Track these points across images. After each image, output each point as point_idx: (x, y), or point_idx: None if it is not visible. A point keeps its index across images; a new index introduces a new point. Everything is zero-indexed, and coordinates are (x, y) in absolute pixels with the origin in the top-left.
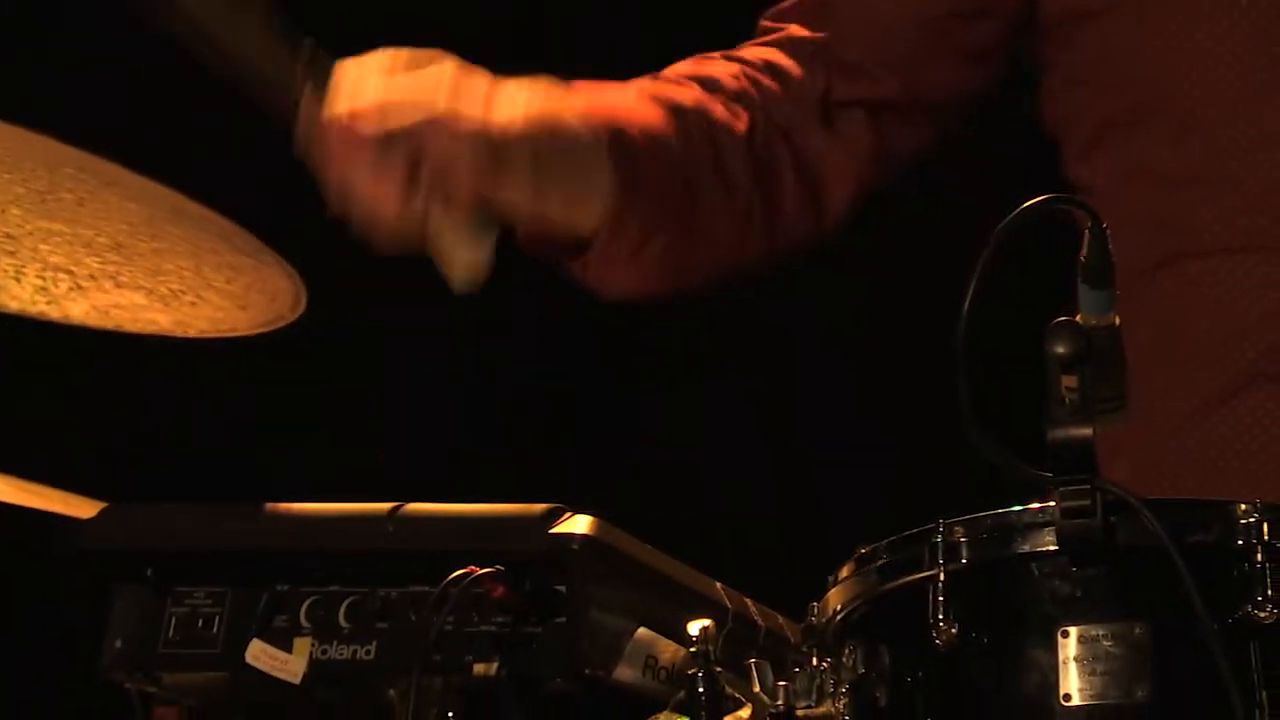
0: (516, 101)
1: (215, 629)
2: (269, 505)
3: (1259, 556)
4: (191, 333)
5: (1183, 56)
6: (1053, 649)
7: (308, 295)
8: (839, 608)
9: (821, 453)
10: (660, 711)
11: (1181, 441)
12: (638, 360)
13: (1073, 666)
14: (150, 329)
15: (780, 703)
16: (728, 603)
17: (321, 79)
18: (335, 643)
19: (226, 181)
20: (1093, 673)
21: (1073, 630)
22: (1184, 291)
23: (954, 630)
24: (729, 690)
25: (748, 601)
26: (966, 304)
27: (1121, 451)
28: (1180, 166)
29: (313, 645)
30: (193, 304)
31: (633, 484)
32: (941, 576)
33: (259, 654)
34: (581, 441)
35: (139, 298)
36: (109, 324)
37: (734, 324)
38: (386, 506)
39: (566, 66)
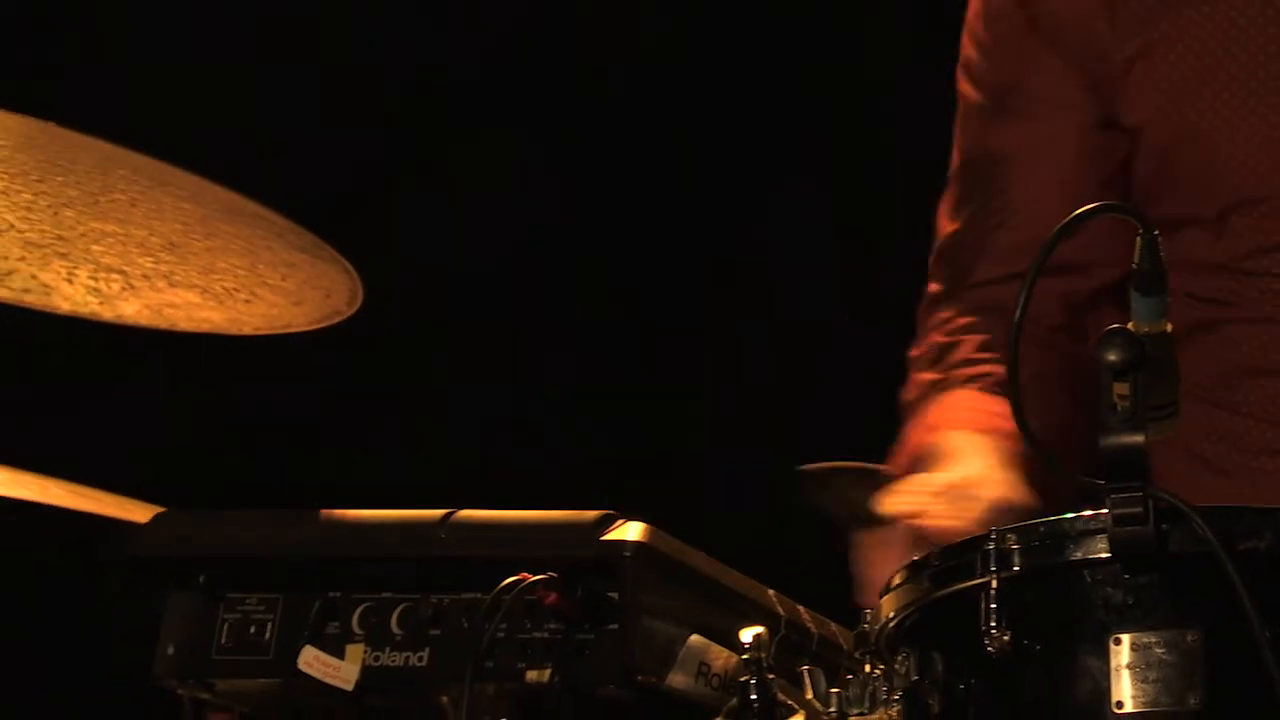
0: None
1: (268, 635)
2: (321, 512)
3: None
4: (246, 330)
5: (1218, 159)
6: (1105, 656)
7: (364, 293)
8: (892, 615)
9: (876, 458)
10: (713, 718)
11: None
12: (692, 363)
13: (1125, 674)
14: (204, 327)
15: (833, 710)
16: (780, 610)
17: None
18: (388, 649)
19: (283, 179)
20: (1145, 680)
21: (1125, 638)
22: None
23: (1006, 637)
24: (781, 697)
25: (800, 608)
26: (1019, 310)
27: None
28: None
29: (365, 652)
30: (247, 301)
31: (685, 490)
32: (994, 584)
33: (311, 661)
34: (634, 447)
35: (193, 296)
36: (162, 323)
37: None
38: (439, 513)
39: None
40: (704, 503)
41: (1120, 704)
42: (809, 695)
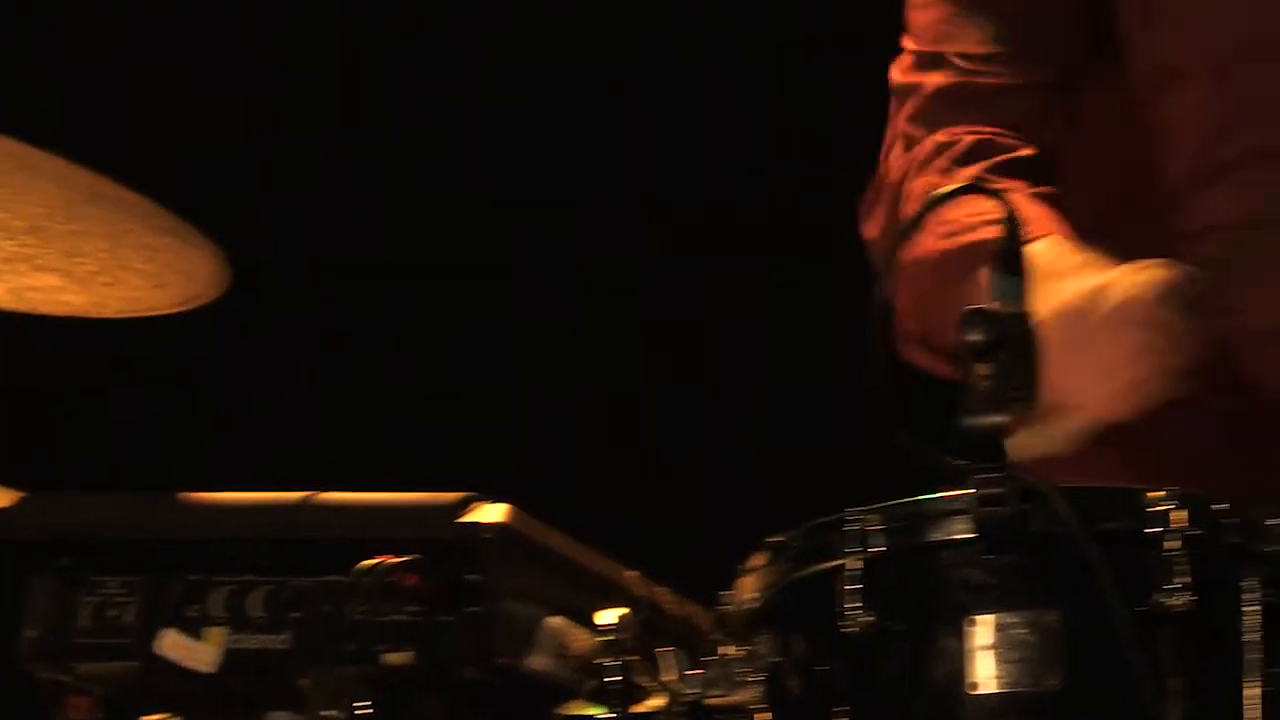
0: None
1: (129, 619)
2: (182, 495)
3: (1171, 544)
4: (107, 313)
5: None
6: (965, 637)
7: (229, 276)
8: (751, 596)
9: (736, 440)
10: (572, 700)
11: None
12: (553, 350)
13: (986, 654)
14: (65, 310)
15: (693, 691)
16: (640, 591)
17: None
18: (249, 632)
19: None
20: (1006, 660)
21: (986, 618)
22: None
23: (867, 618)
24: (641, 679)
25: (661, 590)
26: (880, 293)
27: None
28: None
29: (226, 635)
30: (108, 284)
31: (546, 472)
32: (854, 565)
33: (172, 644)
34: (496, 429)
35: (54, 280)
36: (23, 306)
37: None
38: (300, 495)
39: None
40: (565, 484)
41: (980, 684)
42: (668, 677)
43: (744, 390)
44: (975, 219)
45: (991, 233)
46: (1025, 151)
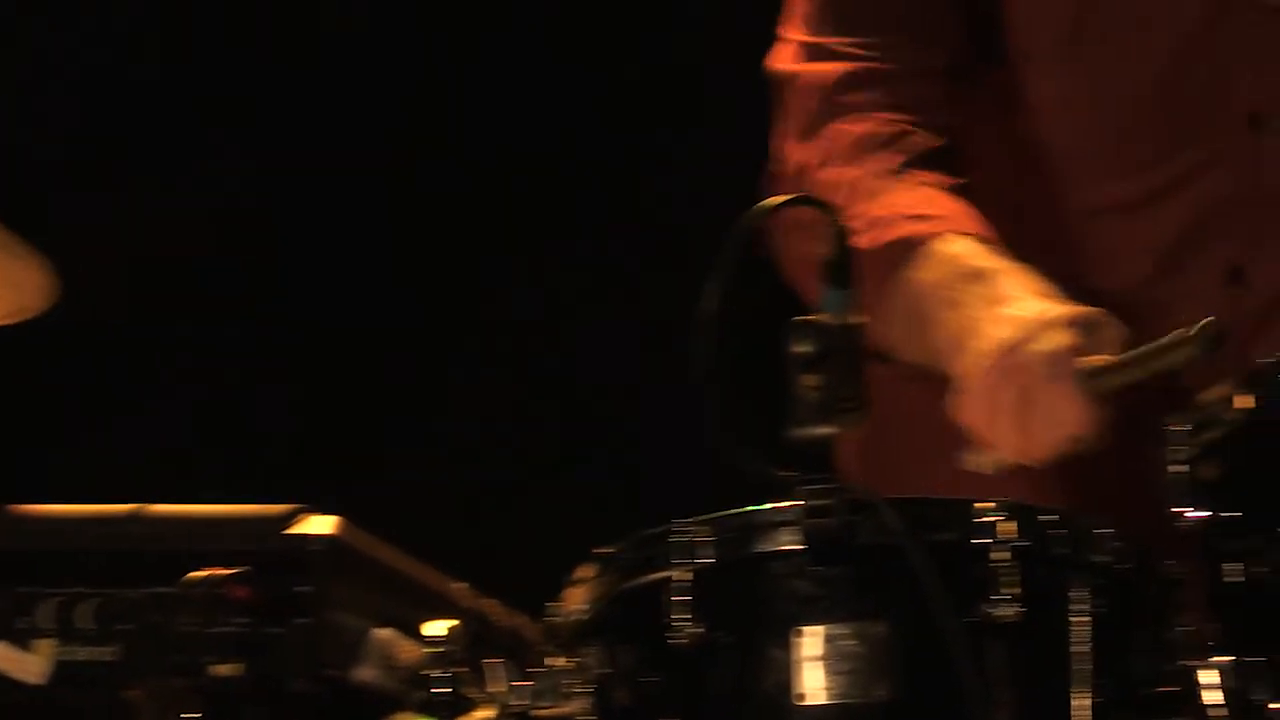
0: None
1: None
2: (11, 506)
3: (999, 555)
4: None
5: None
6: (793, 648)
7: (56, 288)
8: (580, 607)
9: (566, 454)
10: (400, 711)
11: None
12: (384, 362)
13: (814, 665)
14: None
15: (521, 703)
16: (468, 603)
17: None
18: (78, 644)
19: None
20: (834, 672)
21: (814, 629)
22: None
23: (695, 629)
24: (469, 690)
25: (489, 602)
26: (709, 303)
27: None
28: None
29: (55, 646)
30: None
31: (375, 485)
32: (682, 575)
33: (0, 655)
34: (325, 442)
35: None
36: None
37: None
38: (129, 507)
39: None
40: (393, 496)
41: (807, 695)
42: (497, 688)
43: (575, 400)
44: (893, 213)
45: (911, 229)
46: (938, 142)
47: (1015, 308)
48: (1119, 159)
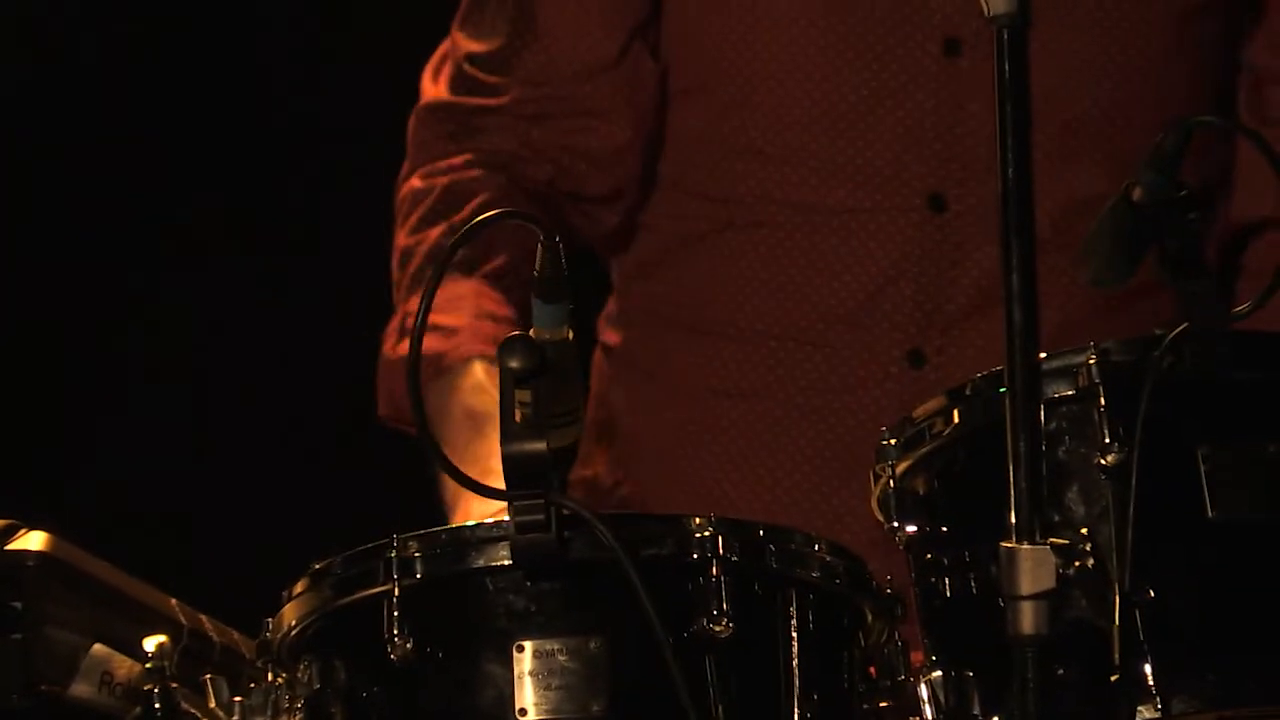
0: None
1: None
2: None
3: (714, 570)
4: None
5: (747, 29)
6: (508, 664)
7: None
8: (294, 623)
9: (276, 469)
10: None
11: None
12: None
13: (529, 681)
14: None
15: (236, 718)
16: (183, 619)
17: None
18: None
19: None
20: (548, 687)
21: (528, 645)
22: (721, 263)
23: (409, 645)
24: (185, 706)
25: (203, 618)
26: (421, 312)
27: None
28: (738, 138)
29: None
30: None
31: (90, 500)
32: (396, 591)
33: None
34: (38, 457)
35: None
36: None
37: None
38: None
39: None
40: (109, 512)
41: (524, 711)
42: (212, 704)
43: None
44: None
45: (428, 344)
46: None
47: (476, 505)
48: (820, 67)
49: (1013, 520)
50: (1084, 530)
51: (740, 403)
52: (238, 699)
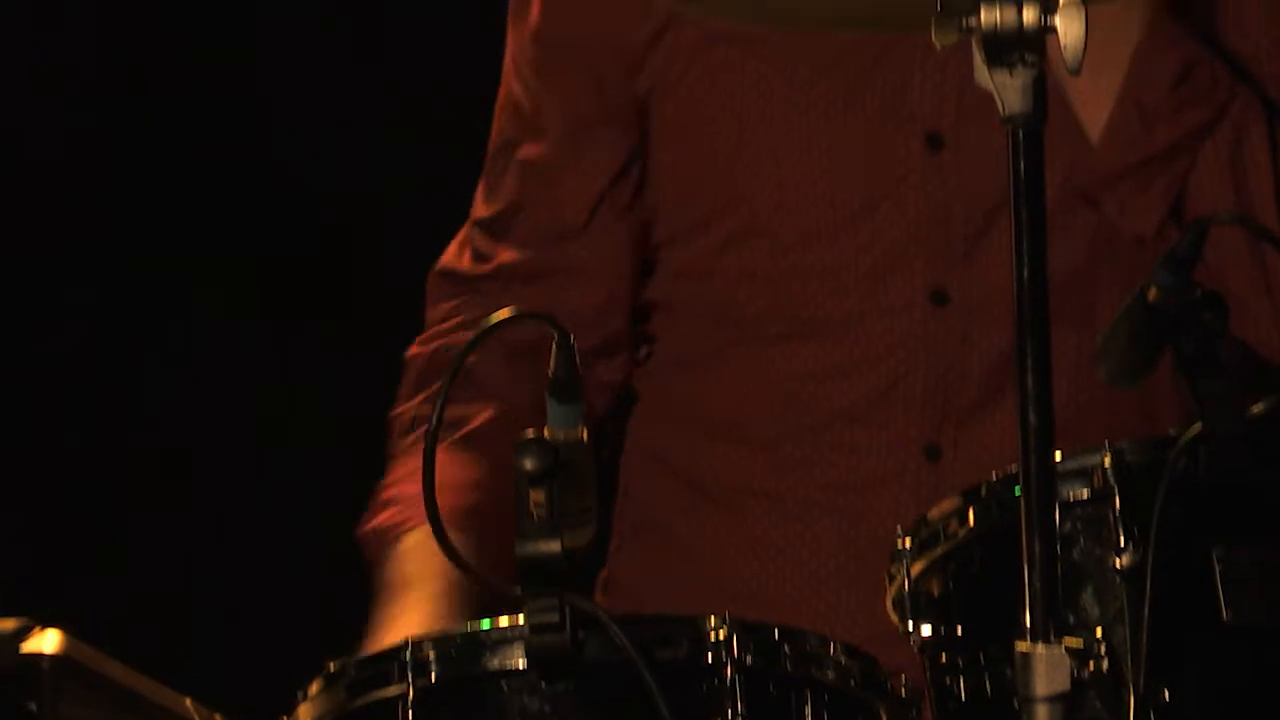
0: None
1: None
2: None
3: (729, 672)
4: None
5: (745, 167)
6: None
7: None
8: None
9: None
10: None
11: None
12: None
13: None
14: None
15: None
16: (197, 718)
17: None
18: None
19: None
20: None
21: None
22: (730, 376)
23: None
24: None
25: (218, 717)
26: (437, 412)
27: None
28: (743, 267)
29: None
30: None
31: (107, 600)
32: (410, 694)
33: None
34: (54, 556)
35: None
36: None
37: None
38: None
39: None
40: (125, 612)
41: None
42: None
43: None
44: (381, 495)
45: (384, 517)
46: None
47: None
48: (815, 185)
49: (1028, 622)
50: (1099, 632)
51: (763, 500)
52: None
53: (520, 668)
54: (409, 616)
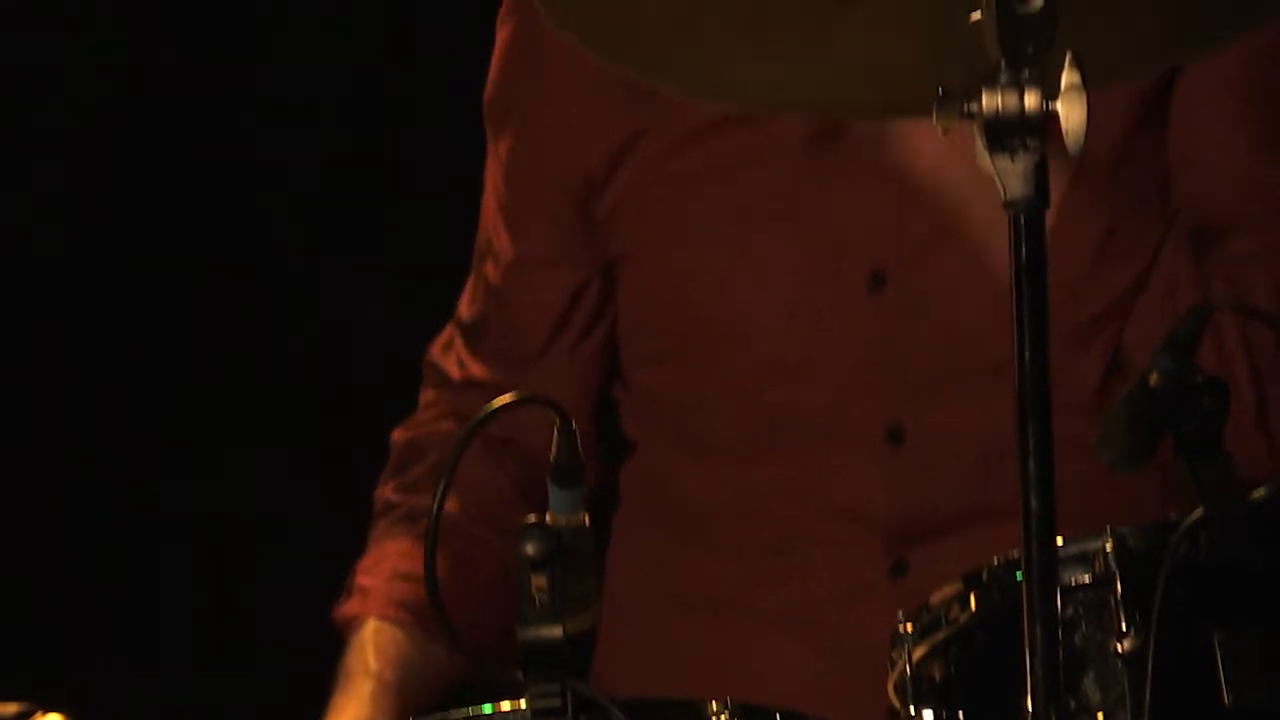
0: None
1: None
2: None
3: None
4: None
5: (711, 299)
6: None
7: None
8: None
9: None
10: None
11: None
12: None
13: None
14: None
15: None
16: None
17: None
18: None
19: None
20: None
21: None
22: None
23: None
24: None
25: None
26: (439, 494)
27: None
28: (707, 399)
29: None
30: None
31: (102, 681)
32: None
33: None
34: (50, 639)
35: None
36: None
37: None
38: None
39: None
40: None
41: None
42: None
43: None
44: (352, 581)
45: (346, 608)
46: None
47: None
48: (769, 317)
49: (1030, 707)
50: (1101, 717)
51: (734, 610)
52: None
53: None
54: (349, 710)
